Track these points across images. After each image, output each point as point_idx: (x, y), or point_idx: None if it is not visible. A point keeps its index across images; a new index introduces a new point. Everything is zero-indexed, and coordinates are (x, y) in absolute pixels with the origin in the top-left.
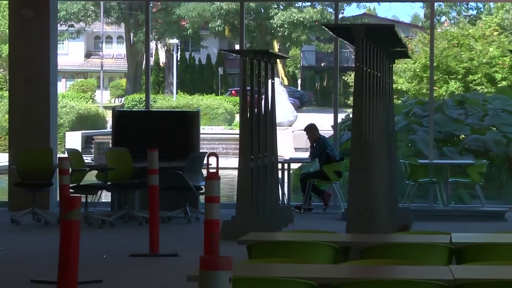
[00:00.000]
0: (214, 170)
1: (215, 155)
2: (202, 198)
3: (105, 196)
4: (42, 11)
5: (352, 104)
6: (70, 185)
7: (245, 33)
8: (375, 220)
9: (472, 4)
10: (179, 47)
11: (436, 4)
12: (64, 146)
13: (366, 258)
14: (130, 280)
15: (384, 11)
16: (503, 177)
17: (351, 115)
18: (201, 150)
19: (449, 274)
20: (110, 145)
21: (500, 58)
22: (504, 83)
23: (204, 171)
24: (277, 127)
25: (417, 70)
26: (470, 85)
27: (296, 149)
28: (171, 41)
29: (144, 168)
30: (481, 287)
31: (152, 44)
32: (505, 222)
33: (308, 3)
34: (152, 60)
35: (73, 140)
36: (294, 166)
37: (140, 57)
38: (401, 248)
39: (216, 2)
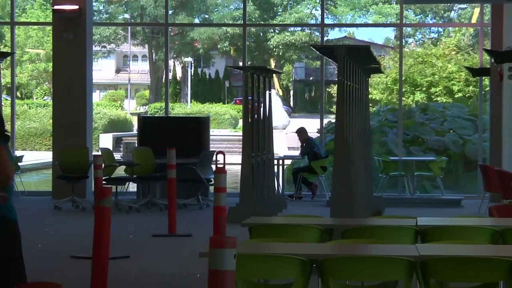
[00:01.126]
0: (221, 166)
1: (222, 153)
2: (211, 189)
3: (132, 187)
4: (80, 35)
5: (335, 111)
6: (103, 178)
7: (247, 53)
8: (354, 207)
9: (434, 28)
10: (192, 64)
11: (404, 28)
12: (98, 145)
13: (346, 238)
14: (152, 256)
15: (362, 35)
16: (459, 171)
17: (333, 120)
18: (210, 149)
19: (415, 251)
20: (136, 144)
21: (457, 73)
22: (460, 94)
23: (213, 166)
24: (273, 130)
25: (389, 83)
26: (432, 96)
27: (289, 148)
28: (186, 59)
29: (163, 164)
30: (442, 262)
31: (170, 62)
32: (461, 208)
33: (299, 28)
34: (170, 74)
35: (106, 140)
36: (287, 162)
37: (161, 73)
38: (375, 230)
39: (223, 27)
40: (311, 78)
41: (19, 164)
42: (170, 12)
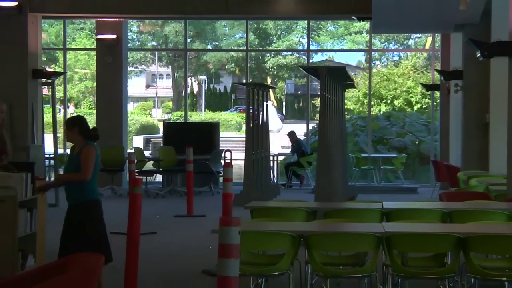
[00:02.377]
0: (229, 161)
1: (229, 151)
2: (221, 179)
3: (158, 178)
4: (118, 58)
5: (318, 118)
6: (135, 170)
7: (249, 72)
8: (333, 193)
9: (396, 53)
10: (206, 81)
11: (372, 53)
12: (132, 145)
13: (327, 218)
14: (174, 232)
15: (339, 58)
16: (416, 165)
17: (317, 125)
18: (220, 148)
19: (381, 228)
20: (161, 144)
21: (414, 88)
22: (417, 105)
23: (222, 161)
24: (269, 133)
25: (360, 96)
26: (395, 106)
27: (282, 147)
28: (200, 77)
29: (183, 160)
30: (402, 237)
31: (188, 79)
32: (417, 194)
33: (289, 53)
34: (188, 89)
35: (138, 141)
36: (281, 158)
37: (181, 88)
38: (350, 211)
39: (230, 52)
40: (299, 92)
41: None
42: (188, 40)
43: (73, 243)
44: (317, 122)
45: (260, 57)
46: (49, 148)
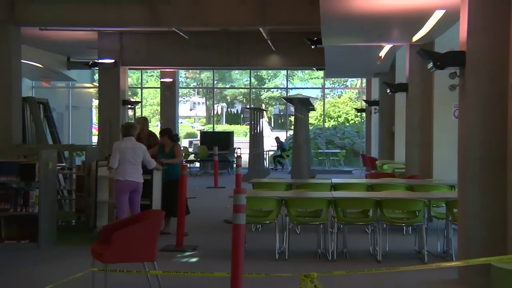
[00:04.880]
0: (239, 154)
1: (239, 148)
2: (234, 165)
3: (197, 164)
4: (173, 92)
5: (293, 129)
6: (184, 160)
7: (251, 101)
8: (302, 174)
9: (339, 90)
10: (225, 106)
11: (325, 89)
12: (181, 145)
13: (298, 188)
14: (206, 197)
15: (305, 92)
16: (351, 157)
17: (292, 133)
18: (234, 146)
19: (330, 195)
20: (199, 144)
21: (350, 111)
22: (352, 121)
23: (236, 154)
24: (263, 137)
25: (317, 115)
26: (339, 122)
27: (271, 146)
28: (222, 104)
29: (212, 153)
30: (343, 200)
31: (215, 105)
32: (352, 174)
33: (276, 89)
34: (214, 111)
35: (185, 142)
36: (270, 153)
37: (211, 110)
38: (312, 185)
39: (240, 89)
40: (281, 113)
41: None
42: (215, 81)
43: (171, 201)
44: (292, 131)
45: (258, 92)
46: None
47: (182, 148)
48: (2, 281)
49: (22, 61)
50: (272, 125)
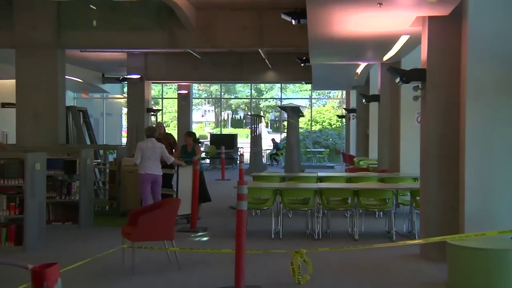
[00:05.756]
0: (242, 153)
1: (242, 148)
2: (238, 162)
3: (207, 161)
4: (187, 102)
5: (286, 132)
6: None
7: (251, 109)
8: (293, 168)
9: (324, 100)
10: (230, 113)
11: (312, 100)
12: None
13: (290, 180)
14: (215, 187)
15: (296, 102)
16: (333, 154)
17: (285, 135)
18: (238, 146)
19: (317, 186)
20: (209, 144)
21: (333, 117)
22: (334, 125)
23: (239, 153)
24: (262, 138)
25: (306, 121)
26: (324, 126)
27: (268, 146)
28: (228, 111)
29: (220, 152)
30: (327, 190)
31: (222, 113)
32: (334, 169)
33: (272, 99)
34: (222, 118)
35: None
36: (268, 151)
37: (219, 116)
38: (302, 178)
39: (243, 99)
40: (276, 119)
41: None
42: (222, 93)
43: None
44: (285, 133)
45: (257, 102)
46: None
47: (202, 147)
48: (51, 255)
49: (66, 77)
50: (269, 128)
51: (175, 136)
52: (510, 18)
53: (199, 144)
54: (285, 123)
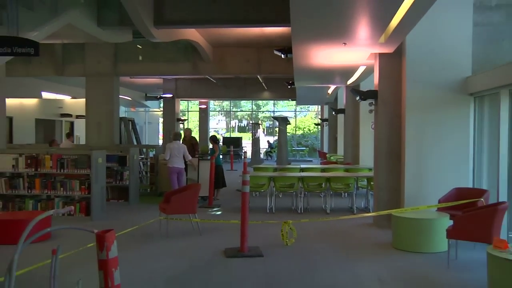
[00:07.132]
0: (245, 151)
1: (245, 147)
2: (242, 157)
3: (220, 156)
4: (206, 114)
5: (277, 135)
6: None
7: (252, 118)
8: (282, 161)
9: (305, 112)
10: (237, 122)
11: (296, 112)
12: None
13: (280, 171)
14: (226, 176)
15: (285, 113)
16: (312, 152)
17: (277, 138)
18: (242, 145)
19: (299, 174)
20: (221, 144)
21: (311, 125)
22: (313, 130)
23: (243, 150)
24: (259, 140)
25: (292, 127)
26: (305, 131)
27: (264, 145)
28: (235, 120)
29: (229, 150)
30: (307, 177)
31: (231, 121)
32: (312, 162)
33: (268, 112)
34: (231, 125)
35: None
36: (264, 150)
37: (229, 124)
38: (288, 168)
39: (246, 112)
40: (270, 126)
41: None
42: (231, 107)
43: (217, 178)
44: (277, 136)
45: (256, 113)
46: None
47: (220, 147)
48: (110, 223)
49: (119, 96)
50: (265, 132)
51: (197, 138)
52: (434, 56)
53: (220, 145)
54: (277, 129)
